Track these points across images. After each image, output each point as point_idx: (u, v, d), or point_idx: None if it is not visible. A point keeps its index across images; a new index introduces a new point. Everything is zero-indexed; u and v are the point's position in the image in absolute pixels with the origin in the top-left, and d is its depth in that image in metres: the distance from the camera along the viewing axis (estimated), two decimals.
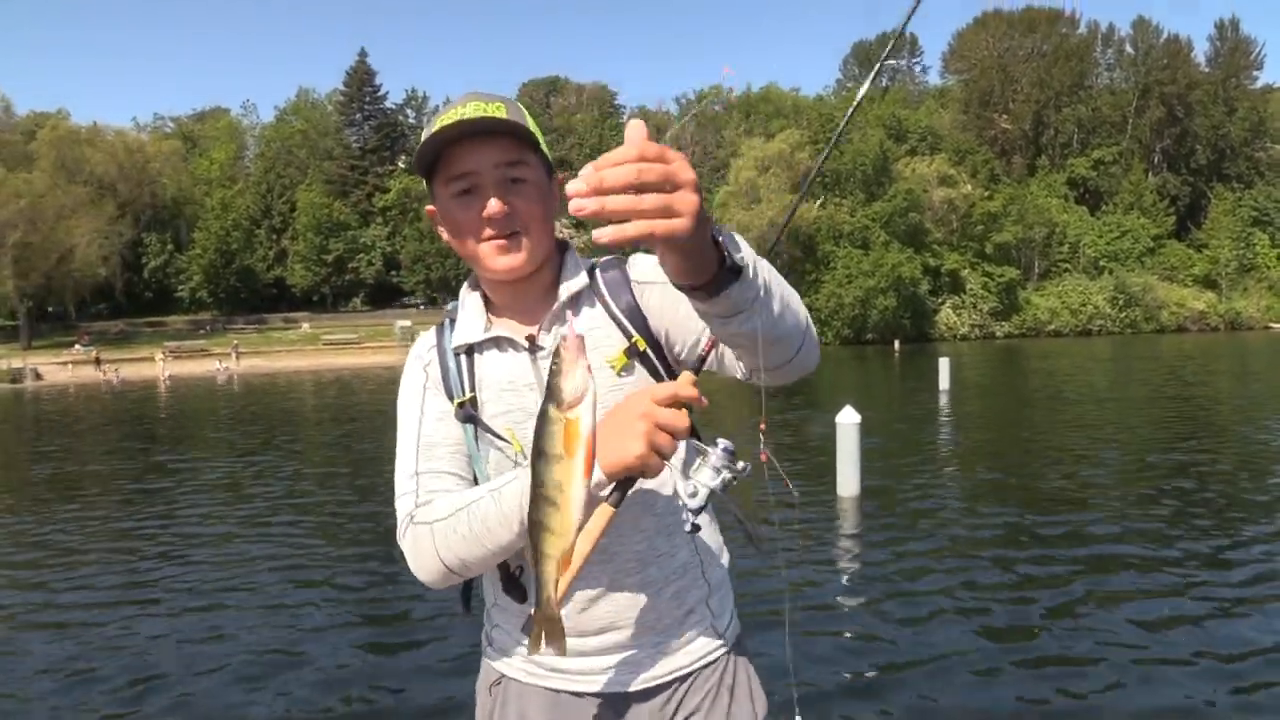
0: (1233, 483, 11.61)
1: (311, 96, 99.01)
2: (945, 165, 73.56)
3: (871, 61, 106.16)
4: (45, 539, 10.40)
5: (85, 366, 54.48)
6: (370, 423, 23.10)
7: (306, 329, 71.69)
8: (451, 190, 1.65)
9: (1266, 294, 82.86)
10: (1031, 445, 15.36)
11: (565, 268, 1.77)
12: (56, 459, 18.48)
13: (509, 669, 1.83)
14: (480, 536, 1.55)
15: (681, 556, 1.76)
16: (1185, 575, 7.49)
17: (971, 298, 73.05)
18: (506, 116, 1.61)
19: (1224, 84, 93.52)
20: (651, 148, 1.08)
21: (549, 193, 1.71)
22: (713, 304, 1.29)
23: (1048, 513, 9.98)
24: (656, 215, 1.07)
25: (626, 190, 1.06)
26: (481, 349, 1.75)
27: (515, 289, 1.74)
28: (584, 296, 1.75)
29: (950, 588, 7.30)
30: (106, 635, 6.83)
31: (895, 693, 5.33)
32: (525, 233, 1.66)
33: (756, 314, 1.33)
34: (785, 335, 1.44)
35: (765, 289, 1.34)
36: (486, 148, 1.61)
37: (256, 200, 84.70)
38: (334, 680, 5.83)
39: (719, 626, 1.82)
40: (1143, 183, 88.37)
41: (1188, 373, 32.09)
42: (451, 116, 1.60)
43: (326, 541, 9.83)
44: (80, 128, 77.03)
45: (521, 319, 1.75)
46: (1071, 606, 6.77)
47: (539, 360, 1.69)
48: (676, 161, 1.10)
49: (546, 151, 1.72)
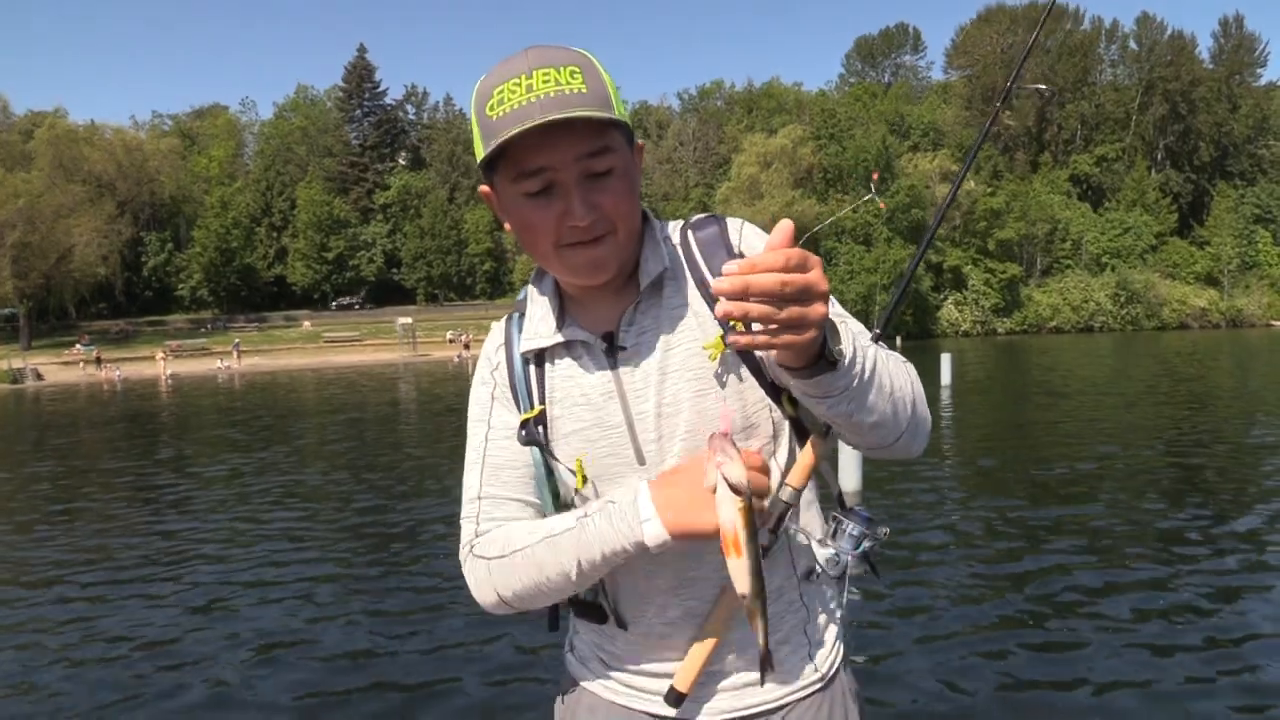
0: (1225, 473, 11.73)
1: (311, 93, 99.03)
2: (948, 161, 73.56)
3: (875, 56, 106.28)
4: (48, 539, 10.32)
5: (86, 366, 54.33)
6: (376, 414, 22.96)
7: (308, 327, 71.62)
8: (521, 189, 1.37)
9: (1268, 291, 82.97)
10: (1031, 438, 15.37)
11: (645, 246, 1.52)
12: (60, 457, 18.38)
13: (585, 679, 1.66)
14: (538, 582, 1.46)
15: (775, 581, 1.54)
16: (1180, 561, 7.67)
17: (973, 294, 73.12)
18: (586, 91, 1.32)
19: (1228, 81, 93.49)
20: (795, 255, 1.09)
21: (635, 172, 1.45)
22: (806, 385, 1.28)
23: (1046, 504, 10.13)
24: (788, 329, 1.12)
25: (769, 298, 1.09)
26: (552, 356, 1.54)
27: (593, 285, 1.50)
28: (668, 274, 1.52)
29: (952, 576, 7.45)
30: (119, 622, 6.81)
31: (902, 678, 5.43)
32: (614, 232, 1.40)
33: (850, 401, 1.30)
34: (882, 424, 1.38)
35: (864, 378, 1.30)
36: (564, 137, 1.31)
37: (256, 198, 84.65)
38: (341, 667, 5.88)
39: (818, 657, 1.60)
40: (1145, 179, 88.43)
41: (1188, 368, 32.09)
42: (516, 93, 1.31)
43: (333, 533, 9.80)
44: (78, 126, 76.86)
45: (599, 314, 1.52)
46: (1073, 594, 6.89)
47: (619, 365, 1.49)
48: (815, 270, 1.11)
49: (626, 118, 1.42)
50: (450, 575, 7.74)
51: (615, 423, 1.48)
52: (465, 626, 6.46)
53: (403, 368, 49.68)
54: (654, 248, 1.52)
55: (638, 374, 1.48)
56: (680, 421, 1.46)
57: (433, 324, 68.15)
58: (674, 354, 1.47)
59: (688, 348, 1.47)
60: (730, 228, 1.54)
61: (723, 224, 1.55)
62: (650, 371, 1.48)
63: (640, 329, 1.49)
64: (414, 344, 61.33)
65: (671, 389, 1.47)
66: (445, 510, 10.49)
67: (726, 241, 1.52)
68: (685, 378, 1.47)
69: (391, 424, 22.42)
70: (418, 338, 62.31)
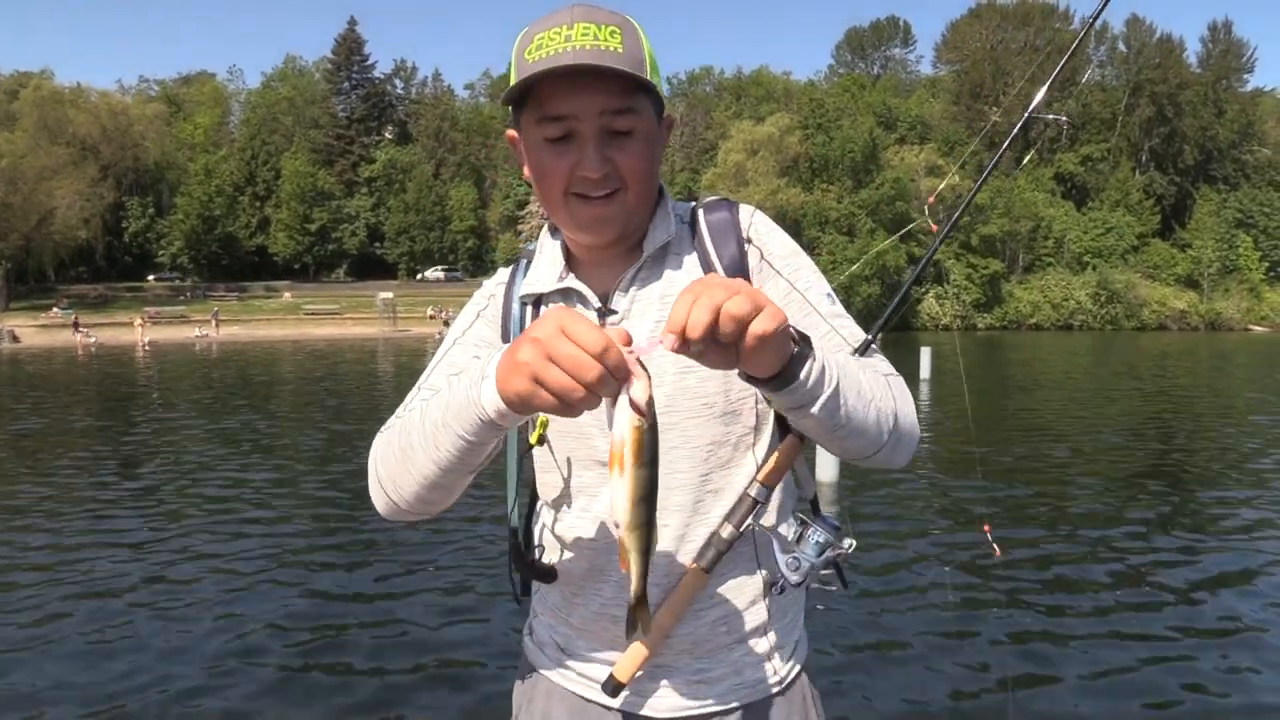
0: (1197, 466, 11.84)
1: (299, 64, 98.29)
2: (934, 155, 73.62)
3: (864, 48, 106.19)
4: (15, 505, 10.32)
5: (63, 330, 53.93)
6: (352, 386, 22.93)
7: (288, 298, 71.28)
8: (542, 133, 1.39)
9: (1247, 296, 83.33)
10: (1009, 430, 15.49)
11: (655, 216, 1.53)
12: (30, 422, 18.32)
13: (543, 665, 1.65)
14: (403, 452, 1.34)
15: (736, 577, 1.53)
16: (1153, 549, 7.73)
17: (955, 288, 73.25)
18: (621, 51, 1.34)
19: (1214, 86, 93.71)
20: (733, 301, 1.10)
21: (658, 140, 1.46)
22: (766, 394, 1.27)
23: (1023, 489, 10.30)
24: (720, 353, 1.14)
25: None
26: (548, 300, 1.54)
27: (598, 244, 1.51)
28: (673, 247, 1.53)
29: (927, 566, 7.47)
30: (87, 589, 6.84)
31: (883, 668, 5.45)
32: (624, 190, 1.41)
33: (816, 415, 1.27)
34: (856, 437, 1.35)
35: (829, 395, 1.27)
36: (591, 89, 1.34)
37: (240, 167, 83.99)
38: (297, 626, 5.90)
39: (776, 659, 1.57)
40: (1130, 180, 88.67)
41: (1163, 369, 32.30)
42: (554, 40, 1.33)
43: (305, 502, 9.79)
44: (64, 88, 76.15)
45: (601, 274, 1.53)
46: (1050, 582, 7.02)
47: (607, 325, 1.46)
48: (744, 306, 1.11)
49: (661, 89, 1.45)
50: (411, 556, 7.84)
51: None
52: (424, 610, 6.47)
53: (382, 343, 49.56)
54: (664, 219, 1.53)
55: None
56: (659, 395, 1.37)
57: (414, 299, 67.84)
58: (663, 326, 1.44)
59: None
60: (741, 214, 1.56)
61: (734, 209, 1.56)
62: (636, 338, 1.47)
63: (634, 296, 1.51)
64: (394, 319, 61.10)
65: (656, 360, 1.39)
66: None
67: (737, 228, 1.54)
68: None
69: (371, 396, 22.42)
70: (398, 313, 62.09)
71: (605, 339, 1.04)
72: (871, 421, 1.35)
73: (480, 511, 8.75)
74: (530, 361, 1.07)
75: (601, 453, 1.45)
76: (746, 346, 1.11)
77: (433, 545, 8.07)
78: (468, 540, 8.19)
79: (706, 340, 1.10)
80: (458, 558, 7.74)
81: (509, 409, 1.14)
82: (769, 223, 1.57)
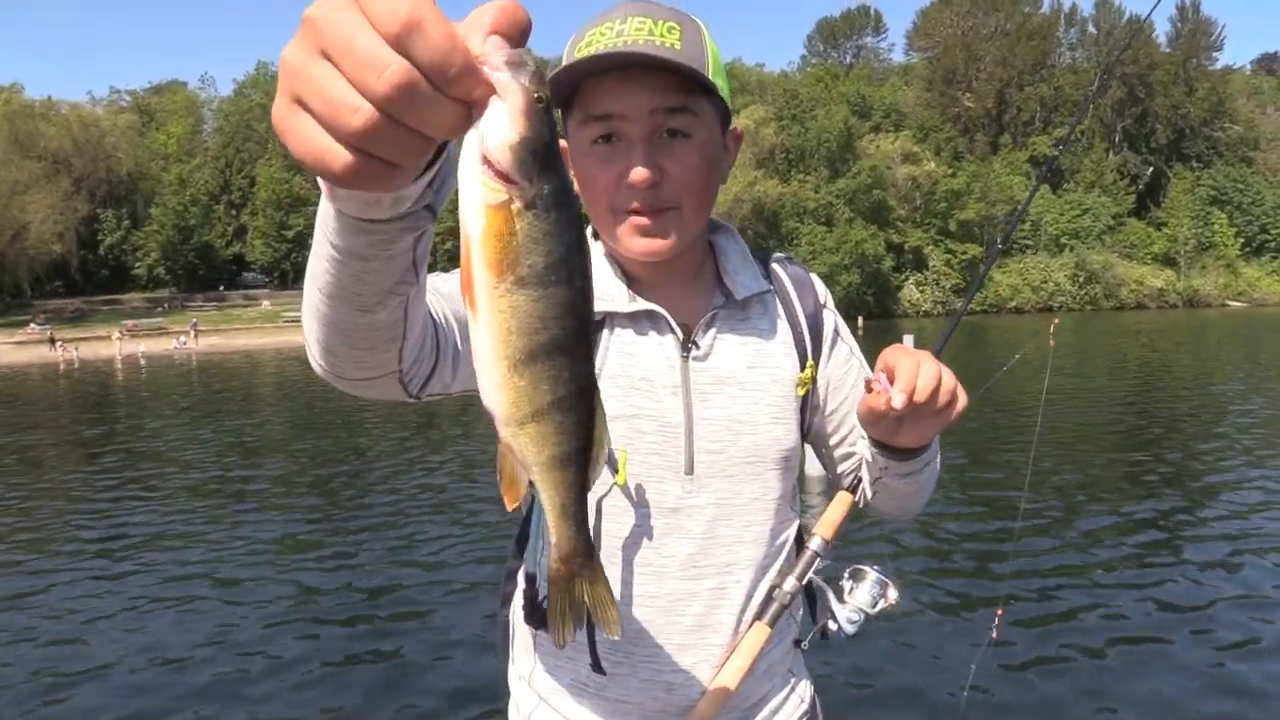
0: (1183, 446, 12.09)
1: (271, 70, 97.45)
2: (909, 143, 73.95)
3: (836, 38, 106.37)
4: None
5: (40, 346, 53.41)
6: (336, 390, 22.84)
7: (267, 306, 70.84)
8: (588, 133, 1.25)
9: (1224, 272, 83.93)
10: (991, 414, 15.56)
11: (724, 253, 1.42)
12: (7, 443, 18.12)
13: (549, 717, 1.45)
14: (311, 279, 0.98)
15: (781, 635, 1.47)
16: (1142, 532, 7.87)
17: (934, 274, 73.49)
18: (679, 49, 1.21)
19: (1184, 65, 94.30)
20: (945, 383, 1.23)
21: (719, 153, 1.32)
22: (900, 461, 1.35)
23: (1004, 471, 10.54)
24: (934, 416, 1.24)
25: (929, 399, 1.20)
26: (613, 324, 1.35)
27: (654, 264, 1.35)
28: (759, 297, 1.43)
29: (910, 556, 7.59)
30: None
31: (864, 655, 5.40)
32: (678, 208, 1.27)
33: (916, 479, 1.40)
34: (919, 498, 1.47)
35: (933, 465, 1.42)
36: (640, 85, 1.20)
37: (215, 175, 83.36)
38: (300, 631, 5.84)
39: (799, 683, 1.55)
40: (1104, 161, 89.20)
41: (1143, 346, 32.49)
42: (605, 36, 1.21)
43: (293, 509, 9.74)
44: (34, 102, 75.39)
45: (673, 297, 1.36)
46: (1038, 567, 7.09)
47: (691, 361, 1.34)
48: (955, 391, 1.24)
49: (726, 95, 1.30)
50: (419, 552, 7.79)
51: (674, 421, 1.33)
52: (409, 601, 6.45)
53: None
54: (743, 260, 1.43)
55: (709, 377, 1.36)
56: (747, 442, 1.37)
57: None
58: (757, 373, 1.38)
59: (772, 372, 1.39)
60: (815, 281, 1.52)
61: (806, 270, 1.52)
62: (726, 380, 1.36)
63: (718, 335, 1.38)
64: None
65: (748, 406, 1.36)
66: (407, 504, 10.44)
67: (814, 292, 1.50)
68: (764, 400, 1.38)
69: (358, 399, 22.31)
70: None
71: (434, 15, 0.60)
72: (933, 483, 1.47)
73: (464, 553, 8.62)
74: (289, 61, 0.61)
75: (672, 498, 1.36)
76: (948, 417, 1.22)
77: (430, 569, 8.02)
78: (465, 583, 8.13)
79: (928, 404, 1.19)
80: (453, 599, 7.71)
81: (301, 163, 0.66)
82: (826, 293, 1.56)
